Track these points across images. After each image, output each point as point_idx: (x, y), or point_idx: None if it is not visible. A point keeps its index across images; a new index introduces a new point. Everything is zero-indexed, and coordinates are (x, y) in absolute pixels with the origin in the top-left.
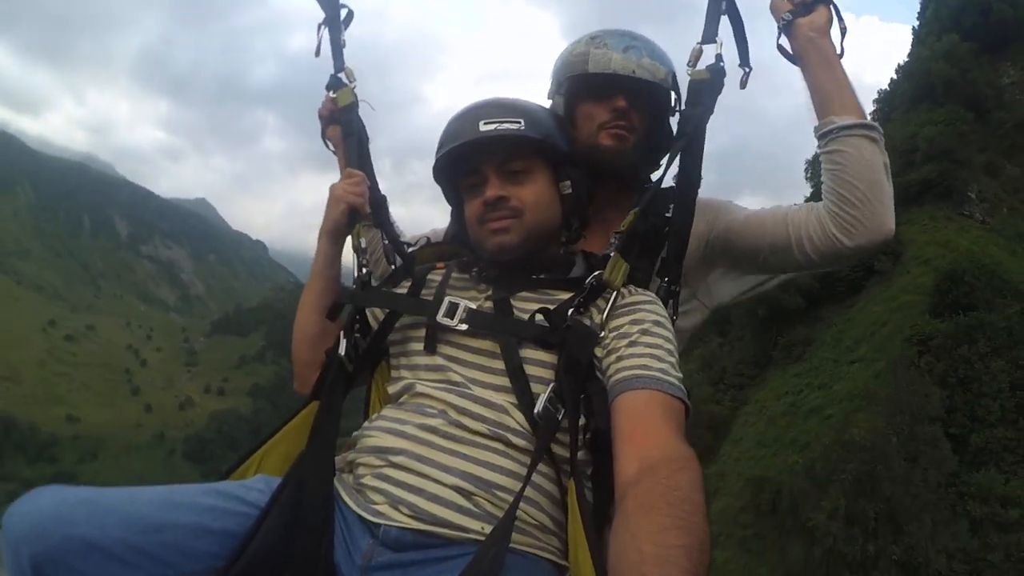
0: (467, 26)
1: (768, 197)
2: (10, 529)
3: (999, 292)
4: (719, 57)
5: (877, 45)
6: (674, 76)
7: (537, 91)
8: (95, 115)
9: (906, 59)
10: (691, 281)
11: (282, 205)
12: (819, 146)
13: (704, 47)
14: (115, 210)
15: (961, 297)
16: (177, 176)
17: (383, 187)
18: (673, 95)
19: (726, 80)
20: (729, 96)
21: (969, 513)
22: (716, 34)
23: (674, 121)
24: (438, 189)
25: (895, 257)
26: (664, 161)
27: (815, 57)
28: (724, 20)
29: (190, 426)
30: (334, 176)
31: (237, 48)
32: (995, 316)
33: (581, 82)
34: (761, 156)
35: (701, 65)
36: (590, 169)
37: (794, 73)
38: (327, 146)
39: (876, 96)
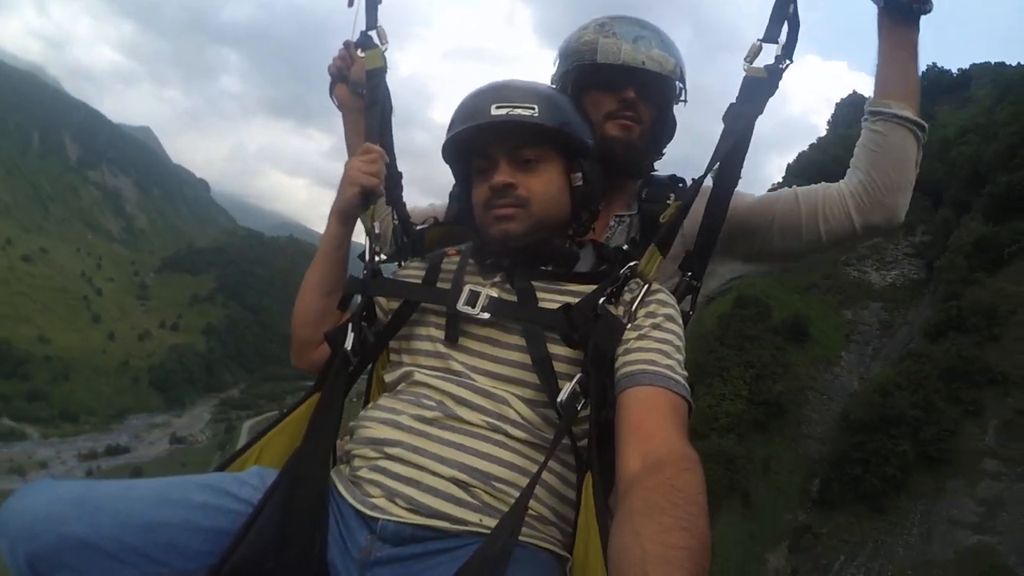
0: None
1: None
2: (5, 527)
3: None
4: (779, 58)
5: (818, 84)
6: (681, 67)
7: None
8: (55, 27)
9: (815, 142)
10: None
11: (228, 146)
12: (866, 120)
13: (764, 45)
14: (66, 131)
15: None
16: (123, 101)
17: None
18: (679, 85)
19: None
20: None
21: None
22: (779, 35)
23: (678, 110)
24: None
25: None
26: (666, 150)
27: (901, 37)
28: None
29: (151, 356)
30: (287, 126)
31: None
32: None
33: (589, 71)
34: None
35: (759, 63)
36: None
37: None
38: (334, 102)
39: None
